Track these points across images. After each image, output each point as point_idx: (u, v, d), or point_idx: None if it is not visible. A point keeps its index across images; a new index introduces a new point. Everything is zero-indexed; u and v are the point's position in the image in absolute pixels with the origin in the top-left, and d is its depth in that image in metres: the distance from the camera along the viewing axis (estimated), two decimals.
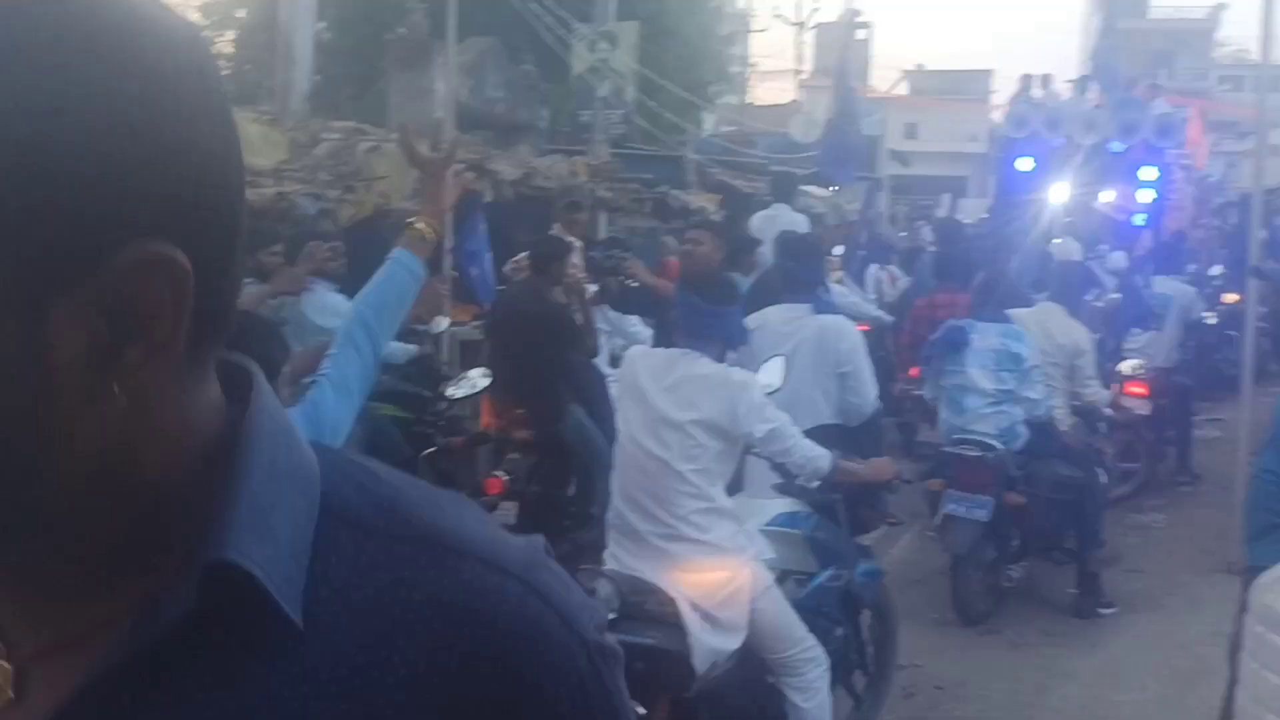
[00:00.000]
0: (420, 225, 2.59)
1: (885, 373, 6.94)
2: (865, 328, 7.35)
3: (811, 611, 3.97)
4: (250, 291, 4.88)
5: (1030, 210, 12.09)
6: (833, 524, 4.28)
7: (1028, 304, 6.71)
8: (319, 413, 2.25)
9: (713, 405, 3.57)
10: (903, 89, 39.76)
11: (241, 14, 19.08)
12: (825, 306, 5.41)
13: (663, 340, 5.75)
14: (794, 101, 29.95)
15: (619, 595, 3.19)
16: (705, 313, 3.72)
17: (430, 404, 6.74)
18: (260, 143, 8.81)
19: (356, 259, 6.19)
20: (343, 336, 2.39)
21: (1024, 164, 13.83)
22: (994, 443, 5.85)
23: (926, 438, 7.09)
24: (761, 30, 31.34)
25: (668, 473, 3.57)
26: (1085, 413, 6.59)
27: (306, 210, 7.56)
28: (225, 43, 19.54)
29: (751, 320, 4.90)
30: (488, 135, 13.67)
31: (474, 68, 13.16)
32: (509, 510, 5.87)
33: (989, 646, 5.71)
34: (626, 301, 5.97)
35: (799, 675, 3.71)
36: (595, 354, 6.78)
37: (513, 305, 6.35)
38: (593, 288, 7.52)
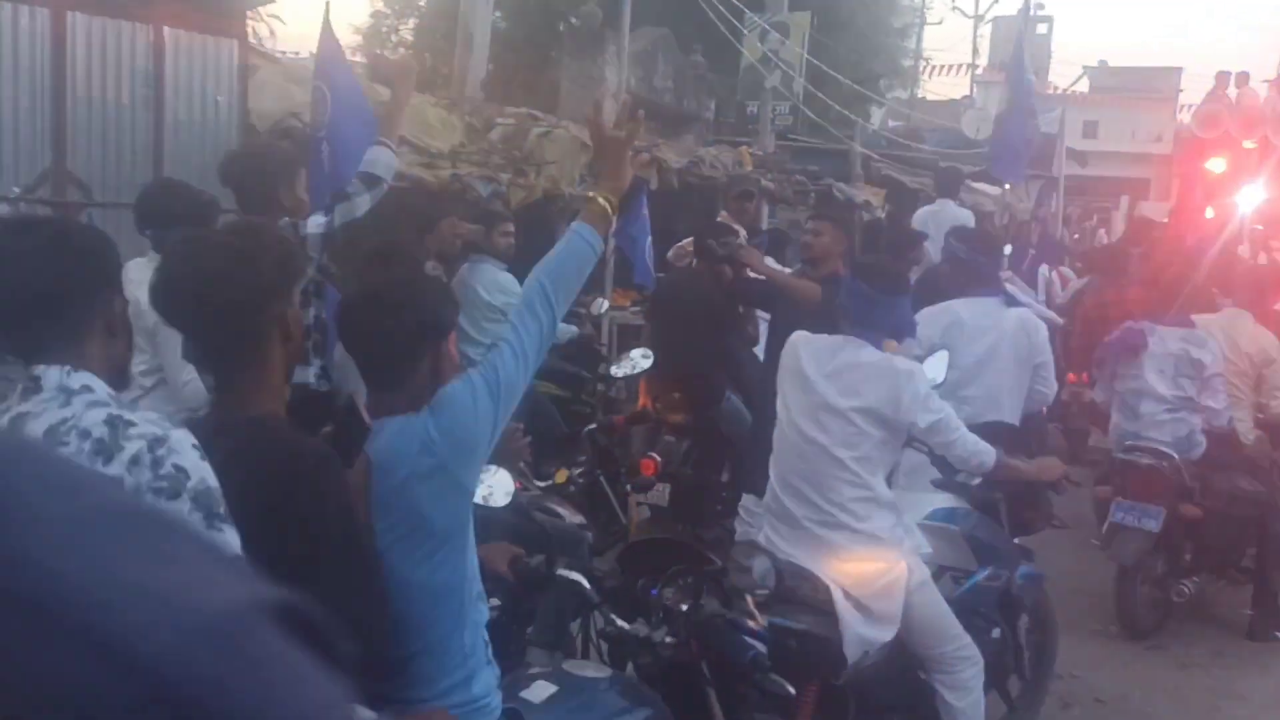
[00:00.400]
0: (600, 200, 2.61)
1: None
2: None
3: (968, 610, 3.89)
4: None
5: (1218, 215, 11.49)
6: (993, 523, 4.19)
7: (1213, 309, 6.39)
8: (497, 376, 2.30)
9: (876, 393, 3.54)
10: (1083, 86, 38.21)
11: (423, 2, 19.71)
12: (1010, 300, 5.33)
13: (777, 334, 5.72)
14: (966, 97, 29.13)
15: (775, 574, 3.19)
16: (875, 302, 3.68)
17: (588, 384, 6.87)
18: (438, 126, 9.09)
19: (525, 240, 6.36)
20: (523, 304, 2.43)
21: (1214, 166, 13.14)
22: (1169, 451, 5.60)
23: (1096, 442, 6.83)
24: (937, 23, 30.61)
25: (827, 459, 3.55)
26: (1272, 425, 6.23)
27: (480, 192, 7.78)
28: (406, 30, 20.23)
29: (937, 314, 4.86)
30: (653, 125, 13.78)
31: (644, 57, 13.29)
32: (662, 492, 5.92)
33: (1154, 663, 5.48)
34: (745, 292, 5.94)
35: (952, 673, 3.64)
36: (755, 342, 6.78)
37: (676, 290, 6.39)
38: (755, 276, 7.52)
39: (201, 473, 1.75)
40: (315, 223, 4.00)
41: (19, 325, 1.84)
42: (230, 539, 1.75)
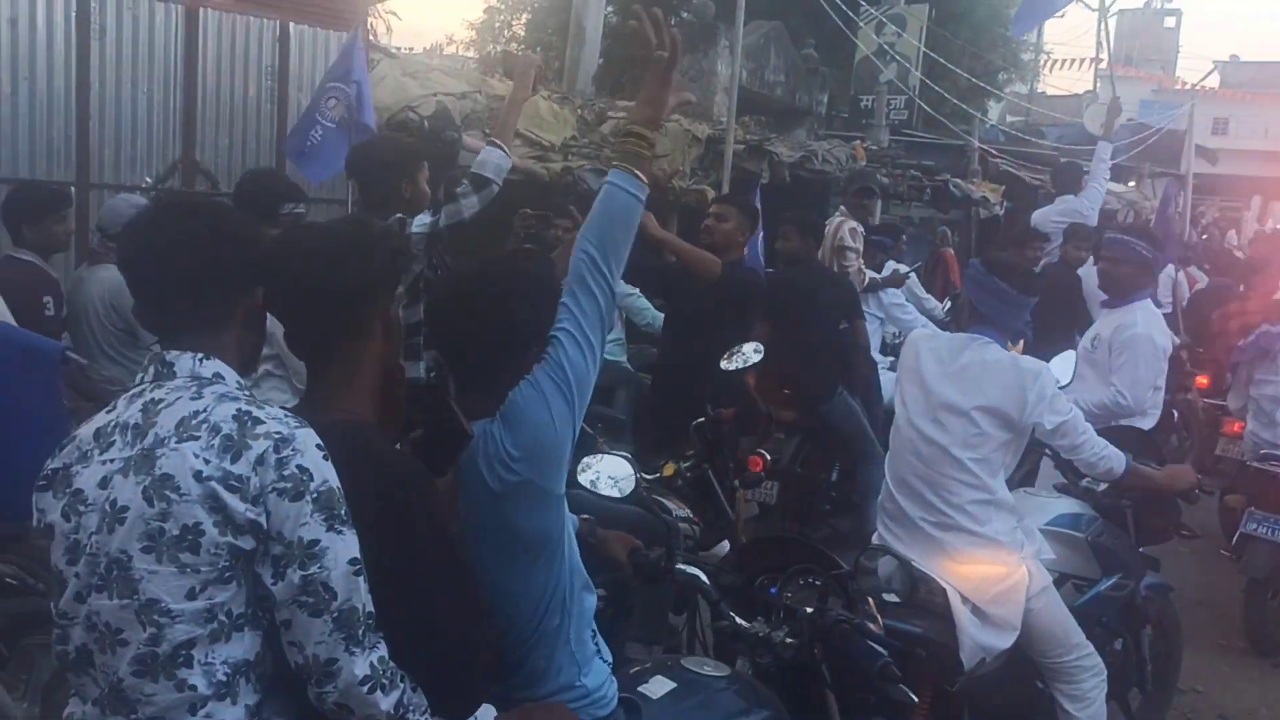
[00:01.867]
0: (634, 136, 2.32)
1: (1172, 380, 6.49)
2: None
3: (1090, 619, 3.76)
4: None
5: None
6: (1119, 531, 4.04)
7: None
8: (565, 373, 2.18)
9: (1001, 392, 3.43)
10: (1213, 81, 36.76)
11: None
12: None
13: (672, 325, 5.65)
14: (1089, 91, 28.23)
15: (903, 579, 3.09)
16: (1008, 300, 3.56)
17: None
18: (550, 119, 9.17)
19: None
20: (573, 280, 2.23)
21: None
22: None
23: (1225, 450, 6.55)
24: (1059, 15, 29.66)
25: (946, 459, 3.46)
26: None
27: (590, 185, 7.81)
28: (519, 25, 20.43)
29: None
30: (764, 119, 13.68)
31: (756, 50, 13.19)
32: (770, 490, 5.86)
33: None
34: (642, 276, 5.82)
35: (1073, 683, 3.52)
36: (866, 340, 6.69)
37: (788, 284, 6.32)
38: (871, 274, 7.40)
39: (324, 474, 1.75)
40: (420, 222, 4.00)
41: (163, 307, 1.86)
42: (350, 542, 1.75)
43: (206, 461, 1.71)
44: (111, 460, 1.77)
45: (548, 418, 2.15)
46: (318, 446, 1.77)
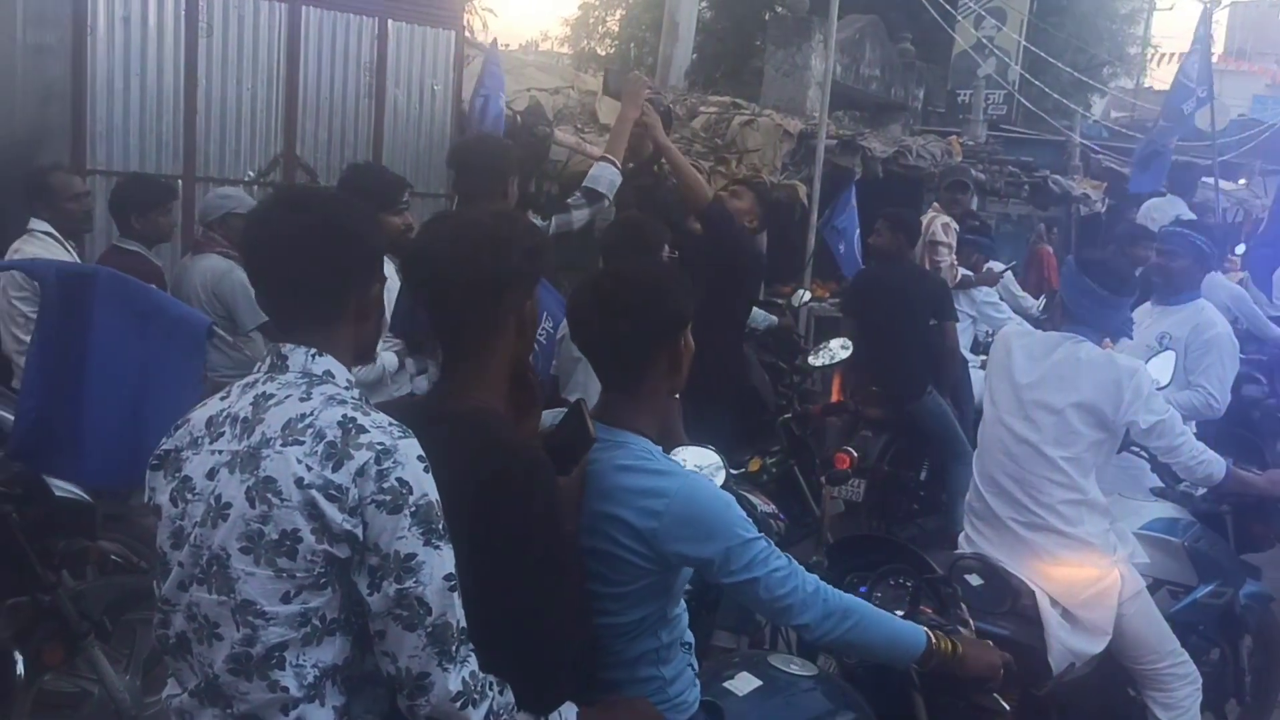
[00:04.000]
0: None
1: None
2: None
3: (1186, 627, 3.66)
4: None
5: None
6: (1217, 537, 3.92)
7: None
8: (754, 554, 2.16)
9: (1095, 389, 3.35)
10: None
11: None
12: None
13: None
14: None
15: (1003, 592, 3.01)
16: (1102, 300, 3.47)
17: (784, 375, 6.80)
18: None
19: None
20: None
21: None
22: None
23: None
24: (1168, 8, 28.74)
25: (1037, 458, 3.39)
26: None
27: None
28: (614, 21, 20.52)
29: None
30: (858, 114, 13.53)
31: (851, 45, 13.05)
32: (857, 487, 5.81)
33: None
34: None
35: (1166, 691, 3.42)
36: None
37: (877, 280, 6.25)
38: (964, 271, 7.28)
39: (425, 487, 1.74)
40: None
41: (279, 299, 1.87)
42: (446, 556, 1.75)
43: (309, 469, 1.72)
44: (220, 452, 1.79)
45: (725, 520, 2.12)
46: (419, 458, 1.75)
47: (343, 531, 1.71)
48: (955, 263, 7.10)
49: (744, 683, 2.54)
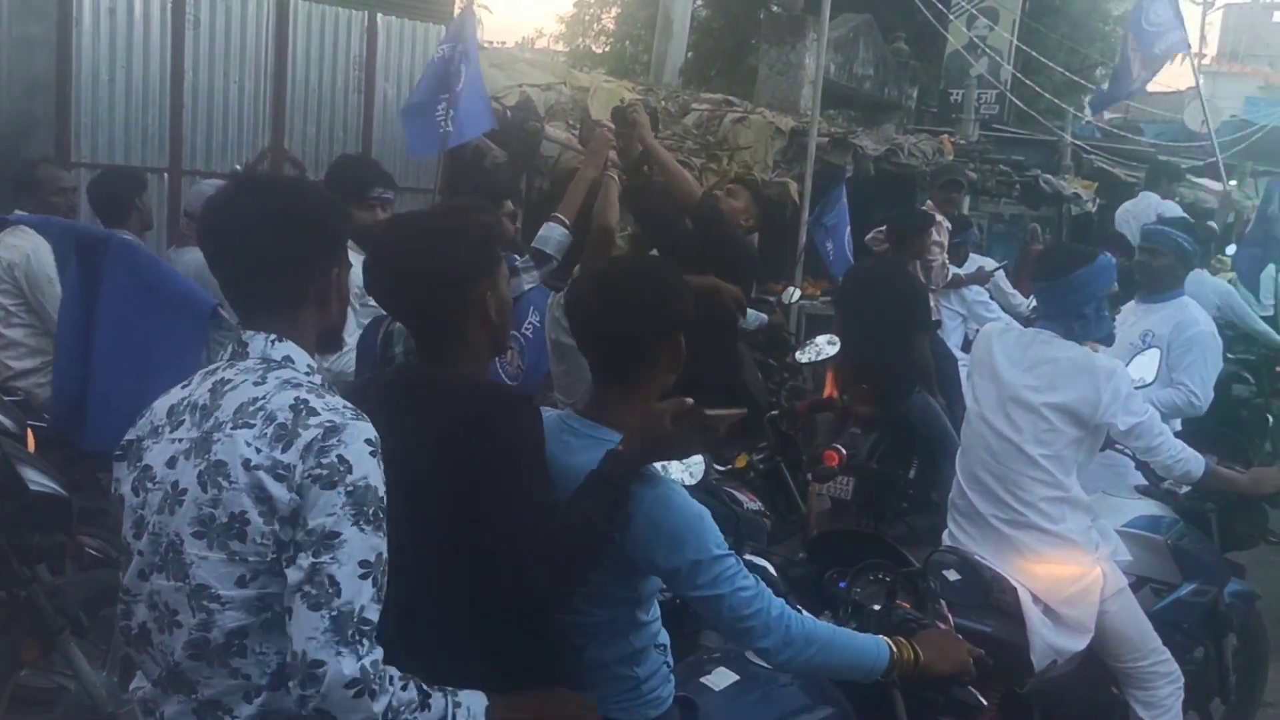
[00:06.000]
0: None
1: None
2: None
3: (1169, 625, 3.64)
4: None
5: None
6: (1201, 535, 3.91)
7: None
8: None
9: (1074, 390, 3.33)
10: None
11: None
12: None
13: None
14: (1191, 88, 27.35)
15: (973, 579, 3.00)
16: (1046, 288, 3.48)
17: (774, 372, 6.79)
18: None
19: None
20: None
21: None
22: None
23: None
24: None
25: (1018, 456, 3.38)
26: None
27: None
28: (609, 19, 20.50)
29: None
30: (851, 113, 13.53)
31: (845, 44, 13.05)
32: (845, 485, 5.80)
33: None
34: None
35: (1148, 689, 3.41)
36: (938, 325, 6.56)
37: (867, 278, 6.24)
38: (954, 269, 7.28)
39: (366, 470, 1.70)
40: None
41: (238, 285, 1.87)
42: (372, 544, 1.69)
43: (258, 450, 1.70)
44: (179, 440, 1.79)
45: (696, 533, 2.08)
46: (367, 441, 1.73)
47: (289, 511, 1.68)
48: (946, 262, 7.09)
49: (721, 678, 2.52)
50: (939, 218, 7.14)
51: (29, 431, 3.65)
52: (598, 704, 2.13)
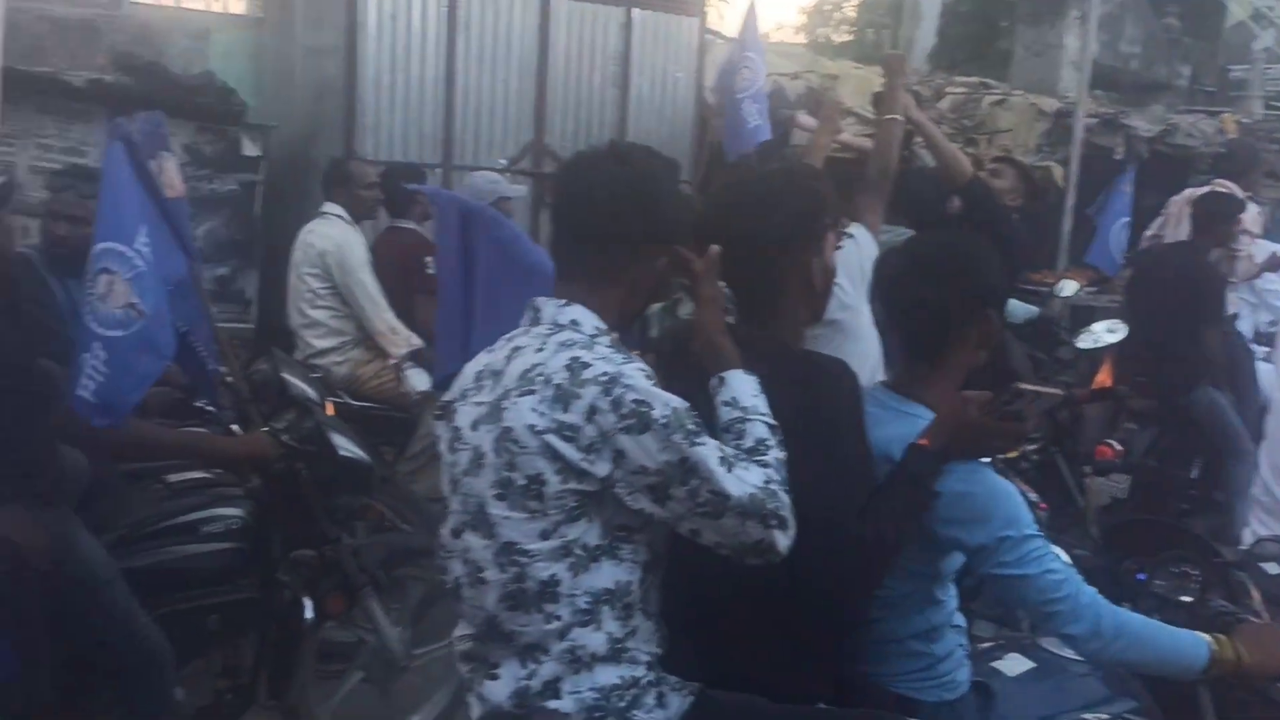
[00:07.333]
0: None
1: None
2: None
3: None
4: None
5: None
6: None
7: None
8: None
9: None
10: None
11: None
12: None
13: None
14: None
15: None
16: None
17: (1043, 366, 6.50)
18: None
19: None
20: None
21: None
22: None
23: None
24: None
25: None
26: None
27: (927, 161, 7.58)
28: (850, 8, 20.23)
29: None
30: (1117, 96, 12.76)
31: (1110, 20, 12.31)
32: (1120, 482, 5.47)
33: None
34: None
35: None
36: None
37: (1159, 264, 5.86)
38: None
39: (662, 399, 1.74)
40: None
41: (561, 249, 1.95)
42: (712, 447, 1.74)
43: (541, 415, 1.75)
44: (481, 404, 1.86)
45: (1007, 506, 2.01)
46: (647, 376, 1.77)
47: (582, 469, 1.73)
48: (1253, 253, 6.52)
49: (1014, 663, 2.43)
50: (1258, 206, 6.54)
51: (328, 404, 3.90)
52: (892, 679, 2.10)
